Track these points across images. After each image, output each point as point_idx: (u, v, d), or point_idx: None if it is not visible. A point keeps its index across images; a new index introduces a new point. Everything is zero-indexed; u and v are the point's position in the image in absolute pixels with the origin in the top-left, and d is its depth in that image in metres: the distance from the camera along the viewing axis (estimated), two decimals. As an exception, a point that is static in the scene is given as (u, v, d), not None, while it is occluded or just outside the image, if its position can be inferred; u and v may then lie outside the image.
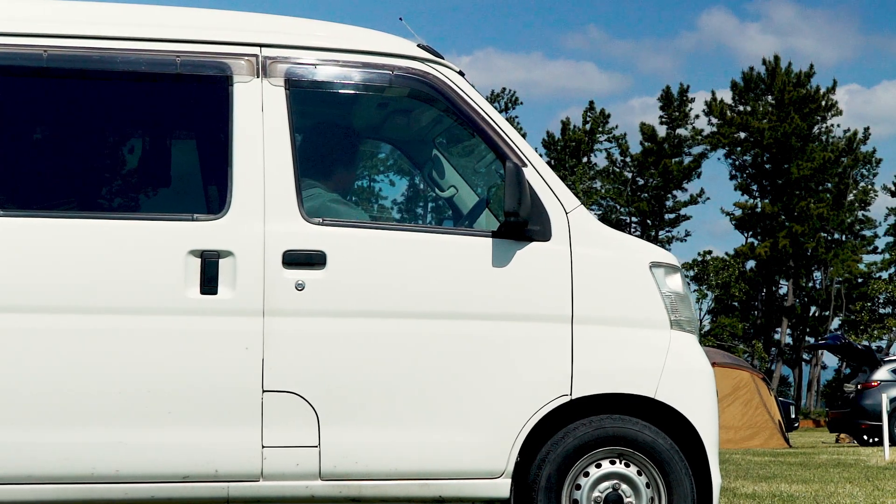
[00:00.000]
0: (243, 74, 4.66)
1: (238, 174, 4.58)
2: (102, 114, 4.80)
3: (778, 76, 55.74)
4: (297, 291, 4.49)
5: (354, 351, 4.54)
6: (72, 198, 4.65)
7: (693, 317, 4.99)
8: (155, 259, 4.45)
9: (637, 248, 4.94)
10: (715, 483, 4.79)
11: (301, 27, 4.87)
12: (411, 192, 5.73)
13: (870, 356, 23.54)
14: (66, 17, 4.67)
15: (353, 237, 4.60)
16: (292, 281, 4.49)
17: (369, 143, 5.38)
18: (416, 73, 4.83)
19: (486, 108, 4.85)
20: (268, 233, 4.50)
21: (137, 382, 4.41)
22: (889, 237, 58.06)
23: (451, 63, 4.92)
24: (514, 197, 4.54)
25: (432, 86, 4.83)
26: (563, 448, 4.68)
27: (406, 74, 4.81)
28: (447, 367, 4.60)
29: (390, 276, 4.60)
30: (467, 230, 4.95)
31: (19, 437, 4.34)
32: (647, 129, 57.69)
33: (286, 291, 4.49)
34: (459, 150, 5.59)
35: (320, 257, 4.53)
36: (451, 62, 4.94)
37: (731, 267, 55.06)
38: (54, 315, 4.38)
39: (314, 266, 4.52)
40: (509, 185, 4.55)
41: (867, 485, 10.06)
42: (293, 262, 4.50)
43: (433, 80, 4.83)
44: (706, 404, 4.85)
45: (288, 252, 4.51)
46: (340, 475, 4.51)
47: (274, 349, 4.47)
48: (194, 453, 4.43)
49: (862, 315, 54.74)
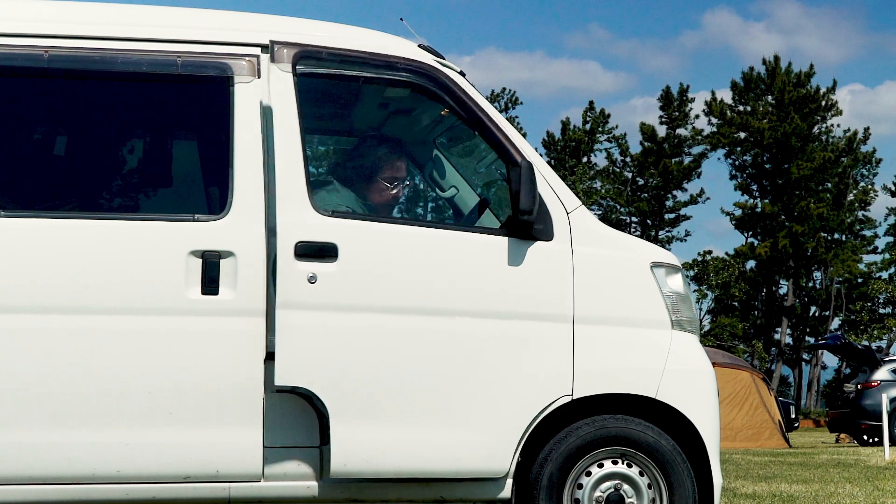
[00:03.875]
0: (244, 75, 4.66)
1: (239, 175, 4.58)
2: (103, 114, 4.80)
3: (778, 76, 55.74)
4: (309, 284, 4.44)
5: (366, 347, 4.50)
6: (73, 198, 4.65)
7: (694, 317, 4.99)
8: (156, 259, 4.45)
9: (638, 248, 4.94)
10: (716, 483, 4.79)
11: (302, 27, 4.87)
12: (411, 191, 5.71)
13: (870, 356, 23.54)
14: (66, 18, 4.67)
15: (364, 230, 4.57)
16: (305, 273, 4.44)
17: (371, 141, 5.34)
18: (416, 74, 4.82)
19: (487, 108, 4.85)
20: (280, 223, 4.44)
21: (138, 383, 4.41)
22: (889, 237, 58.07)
23: (451, 63, 4.93)
24: (530, 195, 4.52)
25: (433, 86, 4.83)
26: (566, 447, 4.68)
27: (407, 75, 4.81)
28: (456, 365, 4.57)
29: (402, 270, 4.56)
30: (477, 228, 4.88)
31: (21, 437, 4.34)
32: (647, 129, 57.68)
33: (298, 284, 4.43)
34: (460, 150, 5.59)
35: (332, 249, 4.48)
36: (452, 62, 4.94)
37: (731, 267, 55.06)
38: (55, 315, 4.38)
39: (326, 258, 4.47)
40: (525, 183, 4.52)
41: (867, 485, 10.06)
42: (305, 254, 4.45)
43: (434, 81, 4.82)
44: (707, 404, 4.85)
45: (300, 243, 4.45)
46: (350, 473, 4.46)
47: (286, 343, 4.41)
48: (195, 454, 4.43)
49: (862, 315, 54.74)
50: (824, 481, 10.59)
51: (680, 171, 57.31)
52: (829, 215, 53.66)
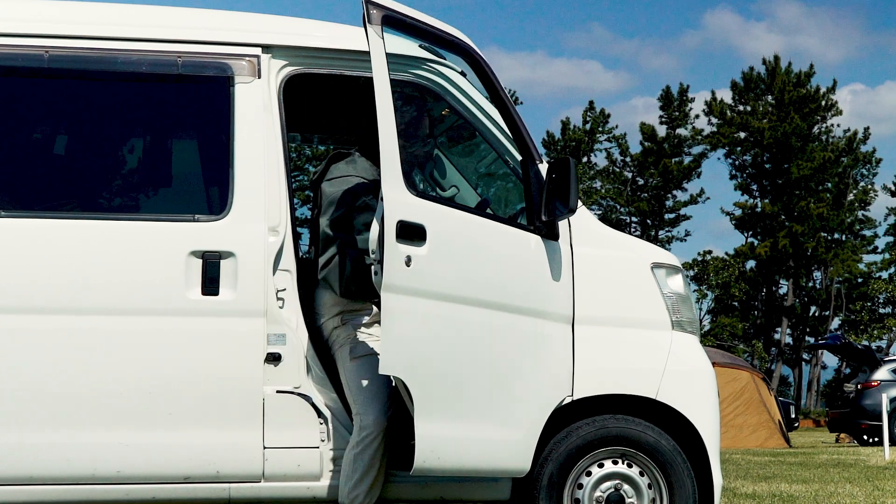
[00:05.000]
0: (244, 75, 4.66)
1: (239, 175, 4.58)
2: (103, 114, 4.80)
3: (778, 76, 55.73)
4: (405, 267, 4.18)
5: (445, 338, 4.33)
6: (73, 198, 4.64)
7: (694, 317, 4.98)
8: (156, 260, 4.45)
9: (638, 248, 4.94)
10: (716, 483, 4.79)
11: (302, 27, 4.87)
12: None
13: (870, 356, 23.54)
14: (67, 18, 4.67)
15: (445, 215, 4.38)
16: (403, 255, 4.18)
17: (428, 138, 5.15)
18: (417, 74, 4.82)
19: (488, 108, 4.85)
20: (387, 201, 4.17)
21: (138, 383, 4.41)
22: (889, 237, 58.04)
23: (452, 63, 4.92)
24: (575, 193, 4.48)
25: (434, 86, 4.83)
26: (566, 447, 4.67)
27: (407, 74, 4.81)
28: (504, 361, 4.48)
29: (470, 259, 4.44)
30: (519, 224, 4.70)
31: (21, 437, 4.34)
32: (647, 129, 57.67)
33: (398, 267, 4.16)
34: (460, 149, 5.59)
35: (422, 232, 4.26)
36: (452, 62, 4.93)
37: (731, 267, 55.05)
38: (55, 316, 4.38)
39: (417, 241, 4.24)
40: (574, 181, 4.46)
41: (867, 485, 10.06)
42: (402, 235, 4.19)
43: (435, 81, 4.82)
44: (707, 405, 4.85)
45: (401, 223, 4.20)
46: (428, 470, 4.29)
47: (391, 329, 4.14)
48: (195, 454, 4.43)
49: (862, 315, 54.72)
50: (824, 481, 10.58)
51: (680, 171, 57.29)
52: (829, 215, 53.64)
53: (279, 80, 4.72)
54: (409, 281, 4.17)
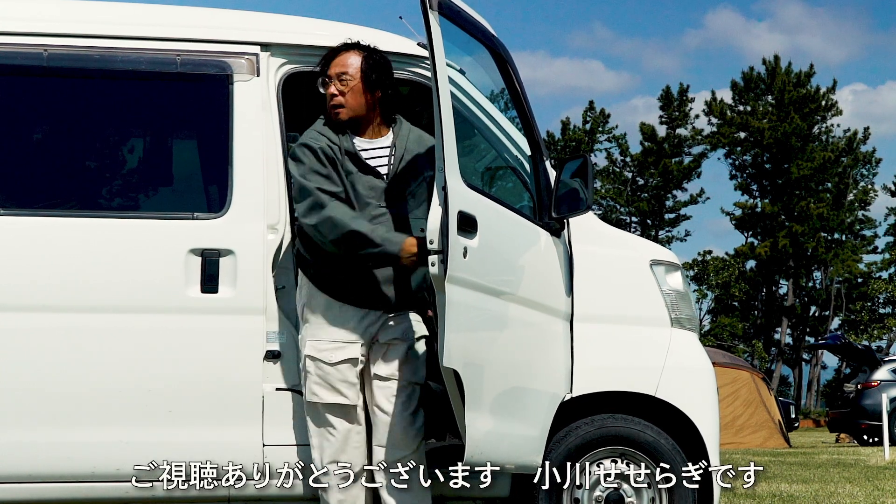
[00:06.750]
0: (243, 73, 4.67)
1: (238, 173, 4.58)
2: (103, 113, 4.80)
3: (778, 76, 55.71)
4: (462, 259, 4.03)
5: (491, 331, 4.29)
6: (72, 197, 4.65)
7: (693, 315, 4.98)
8: (155, 258, 4.45)
9: (637, 245, 4.95)
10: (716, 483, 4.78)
11: (301, 26, 4.87)
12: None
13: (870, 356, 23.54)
14: (66, 17, 4.67)
15: (489, 207, 4.28)
16: (461, 246, 4.04)
17: None
18: (416, 73, 4.83)
19: (487, 107, 4.85)
20: (450, 190, 4.02)
21: (138, 381, 4.41)
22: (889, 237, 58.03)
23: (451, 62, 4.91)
24: (592, 189, 4.50)
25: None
26: (566, 446, 4.67)
27: (406, 73, 4.81)
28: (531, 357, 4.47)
29: (507, 254, 4.39)
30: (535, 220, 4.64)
31: (20, 435, 4.35)
32: (647, 129, 57.67)
33: (457, 258, 4.01)
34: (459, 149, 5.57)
35: (474, 223, 4.12)
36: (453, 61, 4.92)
37: (731, 267, 55.06)
38: (55, 314, 4.38)
39: (470, 232, 4.09)
40: (591, 177, 4.50)
41: (867, 485, 10.06)
42: (460, 226, 4.04)
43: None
44: (707, 402, 4.85)
45: (460, 213, 4.05)
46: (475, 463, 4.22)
47: (454, 320, 3.99)
48: (195, 452, 4.43)
49: (862, 315, 54.72)
50: (824, 481, 10.58)
51: (680, 170, 57.29)
52: (829, 215, 53.63)
53: (278, 79, 4.73)
54: (466, 273, 4.07)
